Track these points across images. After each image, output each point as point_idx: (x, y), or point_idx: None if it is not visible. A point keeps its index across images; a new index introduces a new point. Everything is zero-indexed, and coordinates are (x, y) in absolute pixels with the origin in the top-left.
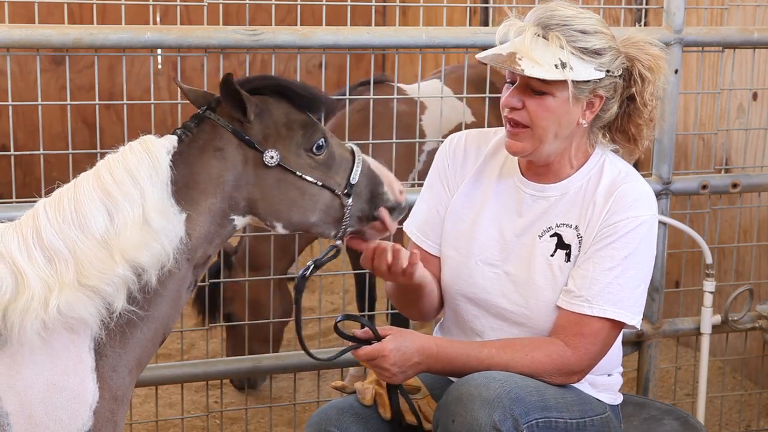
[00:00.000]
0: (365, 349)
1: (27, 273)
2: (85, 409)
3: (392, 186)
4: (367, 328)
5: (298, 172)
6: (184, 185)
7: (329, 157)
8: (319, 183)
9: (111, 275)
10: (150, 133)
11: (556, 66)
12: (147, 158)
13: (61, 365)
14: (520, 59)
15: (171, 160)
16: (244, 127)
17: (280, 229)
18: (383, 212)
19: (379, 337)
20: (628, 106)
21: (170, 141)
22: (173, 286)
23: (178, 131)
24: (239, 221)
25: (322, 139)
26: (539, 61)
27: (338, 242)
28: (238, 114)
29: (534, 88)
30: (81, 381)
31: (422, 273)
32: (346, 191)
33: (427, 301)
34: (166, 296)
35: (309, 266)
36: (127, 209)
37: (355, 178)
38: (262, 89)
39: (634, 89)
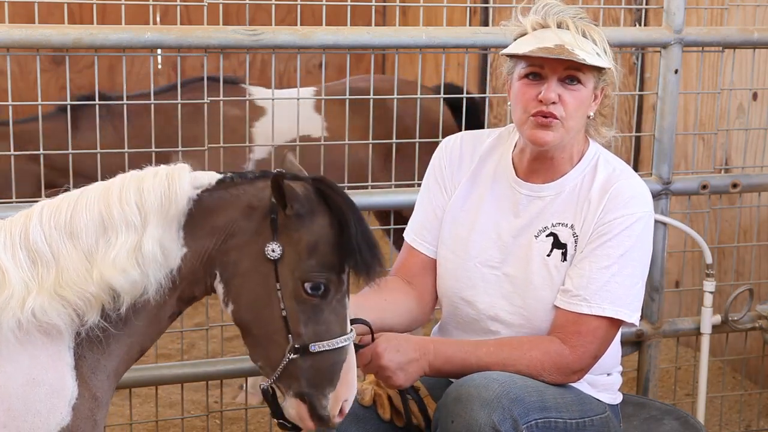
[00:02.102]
0: (357, 355)
1: (9, 271)
2: (63, 404)
3: (338, 400)
4: (359, 337)
5: (278, 285)
6: (198, 223)
7: (313, 310)
8: (284, 312)
9: (84, 291)
10: (150, 132)
11: (598, 55)
12: (165, 186)
13: (41, 361)
14: (572, 49)
15: (199, 194)
16: (282, 211)
17: (228, 310)
18: (304, 410)
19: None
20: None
21: (209, 177)
22: (150, 312)
23: (229, 174)
24: (217, 284)
25: (323, 288)
26: (587, 50)
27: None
28: (279, 200)
29: (572, 78)
30: (60, 377)
31: (382, 320)
32: (297, 346)
33: (399, 323)
34: (141, 320)
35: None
36: (122, 231)
37: (315, 347)
38: (335, 204)
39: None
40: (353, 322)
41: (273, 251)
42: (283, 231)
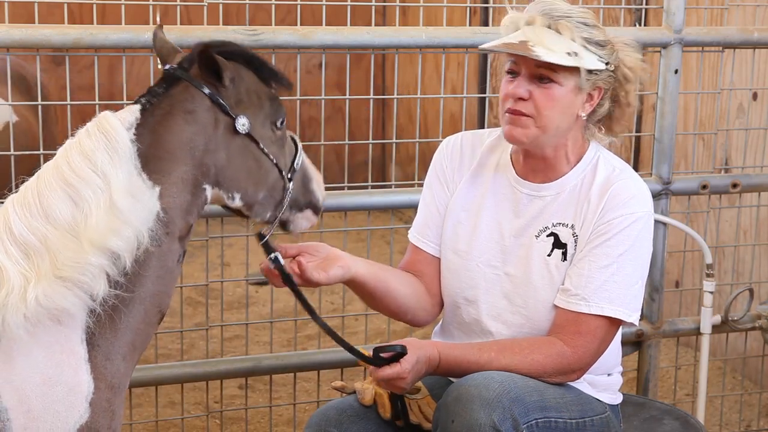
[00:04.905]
0: (385, 371)
1: (6, 267)
2: (81, 401)
3: (320, 184)
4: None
5: (261, 144)
6: (154, 156)
7: (282, 137)
8: (273, 160)
9: (84, 264)
10: None
11: (568, 54)
12: (103, 139)
13: (55, 359)
14: (533, 46)
15: (135, 133)
16: (218, 91)
17: (237, 202)
18: (311, 213)
19: (398, 356)
20: (612, 106)
21: (131, 112)
22: (156, 263)
23: (143, 99)
24: (209, 192)
25: (284, 116)
26: (552, 48)
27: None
28: (212, 79)
29: (542, 77)
30: (75, 373)
31: (368, 272)
32: (289, 175)
33: (392, 304)
34: (149, 275)
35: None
36: (90, 196)
37: (298, 163)
38: (232, 55)
39: (619, 88)
40: (391, 349)
41: (243, 125)
42: (233, 103)
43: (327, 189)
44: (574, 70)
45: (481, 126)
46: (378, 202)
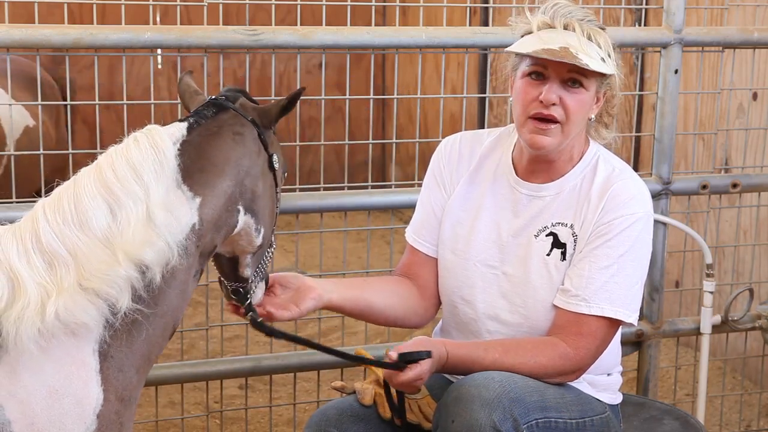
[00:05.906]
0: (408, 375)
1: (24, 279)
2: (88, 413)
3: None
4: (394, 352)
5: (278, 187)
6: (198, 169)
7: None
8: (278, 207)
9: (114, 276)
10: None
11: (603, 60)
12: (152, 153)
13: (64, 371)
14: (576, 53)
15: (179, 148)
16: (263, 129)
17: (259, 239)
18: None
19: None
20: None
21: (179, 129)
22: (181, 277)
23: (191, 119)
24: (241, 217)
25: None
26: (590, 54)
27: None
28: (268, 119)
29: (574, 81)
30: (84, 385)
31: (342, 298)
32: (273, 235)
33: (378, 317)
34: (174, 288)
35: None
36: (131, 207)
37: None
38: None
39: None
40: (418, 356)
41: (276, 162)
42: (269, 143)
43: (327, 189)
44: (598, 75)
45: (481, 126)
46: (378, 202)
